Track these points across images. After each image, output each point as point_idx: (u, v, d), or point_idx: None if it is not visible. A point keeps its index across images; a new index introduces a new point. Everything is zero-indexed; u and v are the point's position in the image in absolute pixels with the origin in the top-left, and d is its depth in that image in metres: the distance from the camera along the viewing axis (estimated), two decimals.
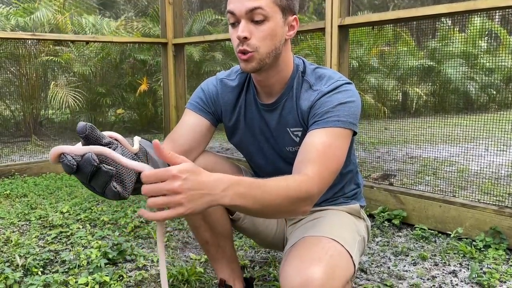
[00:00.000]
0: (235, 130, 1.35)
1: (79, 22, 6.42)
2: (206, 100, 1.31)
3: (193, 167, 0.78)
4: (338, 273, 1.01)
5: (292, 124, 1.24)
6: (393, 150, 3.96)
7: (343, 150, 1.10)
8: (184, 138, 1.23)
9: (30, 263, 1.84)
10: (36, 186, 3.17)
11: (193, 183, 0.77)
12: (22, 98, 5.34)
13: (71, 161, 0.74)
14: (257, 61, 1.13)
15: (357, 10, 9.35)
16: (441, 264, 1.87)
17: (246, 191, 0.85)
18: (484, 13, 2.28)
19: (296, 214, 1.00)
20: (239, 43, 1.12)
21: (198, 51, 6.13)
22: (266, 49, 1.12)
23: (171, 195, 0.76)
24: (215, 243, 1.42)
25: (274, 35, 1.12)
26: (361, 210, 1.42)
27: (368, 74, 6.32)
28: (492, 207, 2.06)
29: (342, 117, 1.11)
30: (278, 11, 1.12)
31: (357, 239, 1.25)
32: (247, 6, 1.08)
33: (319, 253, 1.02)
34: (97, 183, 0.76)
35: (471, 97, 6.73)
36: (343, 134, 1.11)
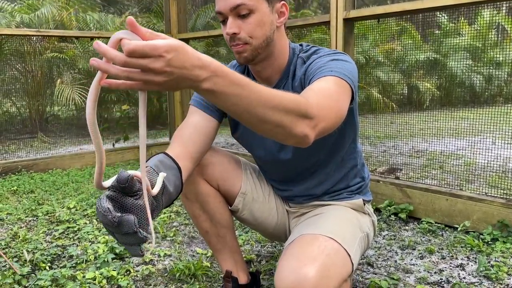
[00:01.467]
0: (237, 123, 1.36)
1: (83, 18, 6.43)
2: None
3: (180, 45, 0.67)
4: (333, 272, 1.01)
5: None
6: (399, 144, 3.94)
7: (341, 96, 0.99)
8: (193, 141, 1.21)
9: (38, 258, 1.85)
10: (43, 182, 3.19)
11: (177, 66, 0.66)
12: (28, 95, 5.36)
13: (114, 218, 0.77)
14: (250, 52, 1.16)
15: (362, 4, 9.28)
16: (448, 258, 1.86)
17: (230, 86, 0.72)
18: (491, 4, 2.25)
19: (292, 134, 0.83)
20: (230, 39, 1.15)
21: (202, 46, 6.12)
22: (257, 40, 1.15)
23: (149, 73, 0.65)
24: (215, 233, 1.43)
25: (262, 25, 1.14)
26: (366, 205, 1.41)
27: (374, 68, 6.29)
28: (499, 200, 2.04)
29: (336, 69, 1.04)
30: (263, 1, 1.14)
31: (358, 236, 1.24)
32: (231, 4, 1.12)
33: (314, 252, 1.02)
34: (125, 241, 0.80)
35: (478, 90, 6.68)
36: (340, 83, 1.01)
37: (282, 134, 0.83)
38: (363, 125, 3.20)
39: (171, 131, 4.29)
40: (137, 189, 0.82)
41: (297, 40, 4.11)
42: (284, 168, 1.37)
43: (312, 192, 1.38)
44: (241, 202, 1.40)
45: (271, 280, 1.67)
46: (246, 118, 0.78)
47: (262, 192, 1.45)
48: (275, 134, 0.83)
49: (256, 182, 1.45)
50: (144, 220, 0.82)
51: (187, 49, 0.67)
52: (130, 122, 5.43)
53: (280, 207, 1.47)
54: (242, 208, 1.41)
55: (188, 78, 0.68)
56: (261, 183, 1.47)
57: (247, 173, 1.43)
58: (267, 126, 0.80)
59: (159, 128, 6.37)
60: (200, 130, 1.24)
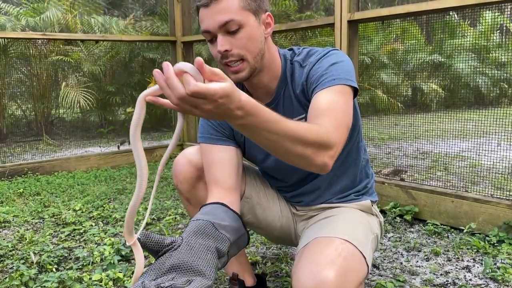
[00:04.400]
0: (242, 140, 1.32)
1: (88, 21, 6.47)
2: (217, 127, 1.28)
3: (232, 90, 0.75)
4: (351, 276, 1.01)
5: (295, 112, 1.23)
6: (404, 145, 3.94)
7: (348, 105, 1.07)
8: (226, 177, 1.21)
9: (45, 260, 1.86)
10: (49, 185, 3.20)
11: (223, 108, 0.75)
12: (33, 98, 5.40)
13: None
14: (248, 69, 1.13)
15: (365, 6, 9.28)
16: (454, 260, 1.86)
17: (262, 123, 0.82)
18: (495, 6, 2.25)
19: (313, 164, 0.93)
20: (222, 57, 1.11)
21: (206, 48, 6.14)
22: (252, 54, 1.12)
23: (198, 109, 0.75)
24: None
25: (253, 39, 1.12)
26: (373, 206, 1.41)
27: (378, 69, 6.28)
28: (505, 202, 2.04)
29: (337, 75, 1.09)
30: (250, 15, 1.11)
31: (370, 237, 1.24)
32: (219, 21, 1.08)
33: (332, 255, 1.02)
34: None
35: (483, 92, 6.65)
36: (343, 90, 1.07)
37: (305, 164, 0.93)
38: (367, 127, 3.20)
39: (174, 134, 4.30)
40: (170, 242, 0.86)
41: (302, 42, 4.11)
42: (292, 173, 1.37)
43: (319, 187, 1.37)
44: (245, 206, 1.39)
45: (277, 282, 1.67)
46: (273, 149, 0.88)
47: (266, 196, 1.44)
48: (298, 164, 0.94)
49: (260, 186, 1.44)
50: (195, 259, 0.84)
51: (236, 92, 0.76)
52: None
53: (285, 211, 1.47)
54: (246, 212, 1.41)
55: (227, 116, 0.78)
56: (265, 187, 1.46)
57: (251, 177, 1.43)
58: (292, 158, 0.91)
59: (164, 130, 6.39)
60: (225, 163, 1.24)
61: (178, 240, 0.87)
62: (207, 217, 0.99)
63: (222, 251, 0.93)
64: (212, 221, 0.97)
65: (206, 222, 0.96)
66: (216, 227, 0.96)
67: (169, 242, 0.85)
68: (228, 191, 1.18)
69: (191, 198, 1.34)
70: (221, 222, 0.99)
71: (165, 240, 0.84)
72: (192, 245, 0.87)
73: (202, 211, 1.05)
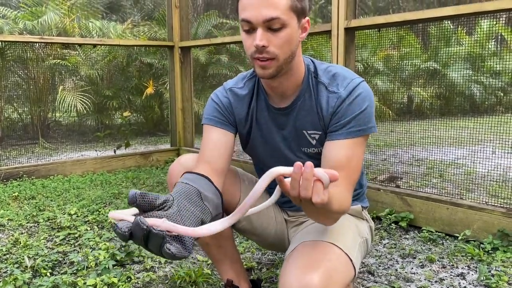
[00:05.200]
0: (248, 137, 1.35)
1: (86, 25, 6.48)
2: (223, 112, 1.29)
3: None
4: (336, 278, 1.02)
5: (309, 127, 1.24)
6: (399, 152, 3.95)
7: (362, 157, 1.17)
8: (216, 158, 1.21)
9: (39, 264, 1.85)
10: (44, 188, 3.19)
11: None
12: (30, 101, 5.39)
13: (122, 229, 0.76)
14: (275, 68, 1.12)
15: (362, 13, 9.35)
16: (449, 267, 1.87)
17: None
18: (491, 15, 2.28)
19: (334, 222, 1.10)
20: (256, 51, 1.10)
21: (204, 54, 6.16)
22: (284, 55, 1.12)
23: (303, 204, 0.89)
24: (216, 244, 1.42)
25: (291, 40, 1.11)
26: (364, 211, 1.42)
27: (373, 76, 6.31)
28: (500, 209, 2.05)
29: (363, 124, 1.15)
30: (294, 16, 1.11)
31: (358, 241, 1.25)
32: (265, 16, 1.06)
33: (317, 258, 1.03)
34: (153, 246, 0.77)
35: (478, 100, 6.70)
36: (363, 141, 1.16)
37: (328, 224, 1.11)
38: None
39: (172, 138, 4.30)
40: (162, 202, 0.83)
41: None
42: None
43: None
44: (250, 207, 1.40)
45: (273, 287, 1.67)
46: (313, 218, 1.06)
47: (260, 202, 1.45)
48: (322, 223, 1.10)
49: None
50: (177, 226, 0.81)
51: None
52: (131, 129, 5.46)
53: (278, 217, 1.48)
54: (241, 219, 1.41)
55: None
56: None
57: (245, 184, 1.43)
58: (321, 221, 1.08)
59: (160, 135, 6.38)
60: (219, 145, 1.24)
61: (169, 201, 0.84)
62: (194, 184, 0.97)
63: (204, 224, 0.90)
64: (199, 190, 0.95)
65: (194, 189, 0.95)
66: (202, 197, 0.94)
67: (161, 203, 0.83)
68: (215, 171, 1.16)
69: None
70: (206, 193, 0.97)
71: (157, 201, 0.82)
72: (181, 211, 0.85)
73: (186, 176, 1.01)
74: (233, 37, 3.84)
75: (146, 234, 0.75)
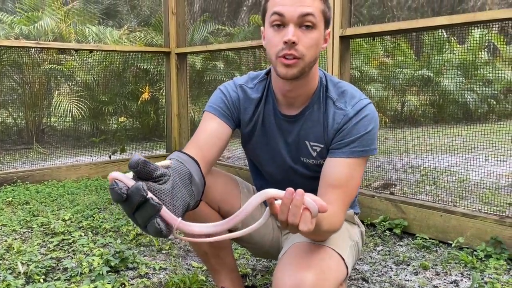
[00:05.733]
0: (251, 137, 1.35)
1: (82, 31, 6.48)
2: (229, 105, 1.29)
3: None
4: (329, 275, 1.04)
5: (313, 138, 1.25)
6: (393, 159, 3.97)
7: (361, 175, 1.20)
8: (211, 148, 1.20)
9: (32, 270, 1.84)
10: (38, 194, 3.18)
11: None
12: (25, 106, 5.37)
13: (121, 189, 0.72)
14: (300, 69, 1.11)
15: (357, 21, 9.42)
16: (443, 274, 1.88)
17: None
18: (483, 25, 2.31)
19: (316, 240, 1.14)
20: (284, 47, 1.09)
21: (200, 60, 6.17)
22: (310, 58, 1.12)
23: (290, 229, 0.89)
24: (214, 254, 1.42)
25: (318, 44, 1.13)
26: (355, 217, 1.44)
27: (368, 84, 6.35)
28: (492, 217, 2.07)
29: (367, 146, 1.18)
30: (323, 22, 1.13)
31: (349, 243, 1.26)
32: (301, 11, 1.07)
33: (310, 257, 1.05)
34: (141, 216, 0.75)
35: (471, 108, 6.76)
36: (364, 162, 1.20)
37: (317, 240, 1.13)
38: None
39: (167, 144, 4.30)
40: (160, 174, 0.80)
41: None
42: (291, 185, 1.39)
43: None
44: (240, 222, 1.40)
45: None
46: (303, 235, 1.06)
47: (259, 211, 1.46)
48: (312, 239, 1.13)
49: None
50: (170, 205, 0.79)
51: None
52: (127, 134, 5.45)
53: (274, 223, 1.48)
54: (241, 227, 1.41)
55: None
56: None
57: (244, 192, 1.44)
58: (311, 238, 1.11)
59: (156, 140, 6.38)
60: (215, 135, 1.23)
61: (166, 175, 0.82)
62: (187, 165, 0.94)
63: (188, 210, 0.90)
64: (191, 173, 0.93)
65: (187, 170, 0.92)
66: (191, 181, 0.92)
67: (158, 175, 0.80)
68: (204, 159, 1.13)
69: (187, 217, 1.31)
70: (195, 177, 0.94)
71: (156, 172, 0.79)
72: (175, 190, 0.83)
73: (179, 156, 0.98)
74: (229, 44, 3.86)
75: (142, 201, 0.73)
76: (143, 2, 9.32)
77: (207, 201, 1.33)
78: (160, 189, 0.79)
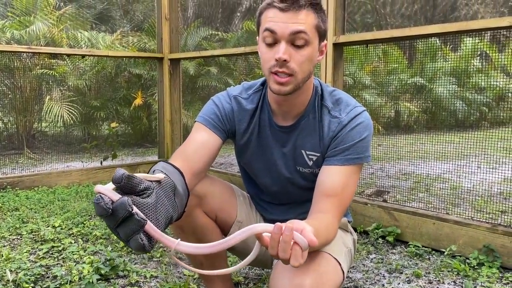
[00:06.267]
0: (246, 149, 1.34)
1: (74, 35, 6.45)
2: (221, 117, 1.28)
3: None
4: (327, 280, 1.04)
5: (309, 147, 1.25)
6: (386, 166, 3.98)
7: (356, 183, 1.20)
8: (198, 159, 1.18)
9: (21, 278, 1.81)
10: (28, 200, 3.14)
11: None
12: (16, 111, 5.31)
13: (107, 204, 0.72)
14: (293, 86, 1.12)
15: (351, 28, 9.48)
16: (435, 282, 1.87)
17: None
18: (475, 33, 2.33)
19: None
20: (276, 64, 1.09)
21: (193, 65, 6.16)
22: (303, 74, 1.12)
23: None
24: (209, 264, 1.41)
25: (311, 60, 1.12)
26: (348, 224, 1.45)
27: (361, 90, 6.38)
28: (485, 224, 2.07)
29: (361, 153, 1.18)
30: (317, 37, 1.12)
31: (344, 250, 1.26)
32: (292, 29, 1.06)
33: (307, 262, 1.04)
34: (124, 230, 0.74)
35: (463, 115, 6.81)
36: (358, 169, 1.20)
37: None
38: None
39: (160, 150, 4.27)
40: (143, 188, 0.79)
41: None
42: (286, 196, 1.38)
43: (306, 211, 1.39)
44: (236, 230, 1.39)
45: None
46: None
47: (254, 219, 1.45)
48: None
49: (249, 209, 1.45)
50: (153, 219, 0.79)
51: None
52: (118, 140, 5.41)
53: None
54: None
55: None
56: (252, 209, 1.47)
57: (240, 200, 1.43)
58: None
59: (148, 146, 6.34)
60: (204, 146, 1.21)
61: (150, 189, 0.81)
62: (172, 177, 0.93)
63: (171, 222, 0.89)
64: (175, 185, 0.91)
65: (171, 182, 0.91)
66: (175, 193, 0.91)
67: (142, 189, 0.79)
68: (191, 170, 1.12)
69: (184, 226, 1.29)
70: (179, 188, 0.93)
71: (139, 186, 0.79)
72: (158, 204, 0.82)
73: (164, 167, 0.97)
74: (222, 49, 3.86)
75: (126, 216, 0.73)
76: (136, 7, 9.30)
77: (204, 210, 1.31)
78: (143, 203, 0.78)
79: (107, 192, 0.75)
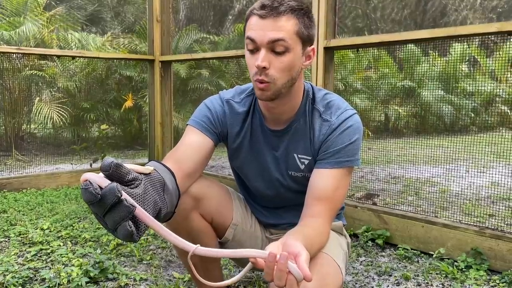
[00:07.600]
0: (238, 153, 1.34)
1: (65, 37, 6.40)
2: (214, 120, 1.27)
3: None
4: (329, 281, 1.05)
5: (300, 151, 1.26)
6: (376, 170, 4.01)
7: (347, 186, 1.22)
8: (190, 160, 1.18)
9: (9, 281, 1.79)
10: (16, 202, 3.10)
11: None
12: (4, 112, 5.26)
13: (96, 190, 0.71)
14: (273, 92, 1.13)
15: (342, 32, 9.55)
16: (424, 285, 1.89)
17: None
18: (464, 39, 2.36)
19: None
20: (257, 72, 1.10)
21: (184, 68, 6.15)
22: (283, 80, 1.12)
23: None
24: (203, 267, 1.41)
25: (292, 66, 1.12)
26: (343, 228, 1.46)
27: (352, 95, 6.42)
28: (473, 228, 2.10)
29: (351, 156, 1.19)
30: (299, 43, 1.11)
31: (341, 252, 1.28)
32: (270, 37, 1.07)
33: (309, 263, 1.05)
34: (112, 218, 0.73)
35: (452, 120, 6.89)
36: (349, 172, 1.21)
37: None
38: None
39: (150, 152, 4.26)
40: (131, 179, 0.79)
41: None
42: (279, 199, 1.39)
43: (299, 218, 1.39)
44: (231, 233, 1.38)
45: None
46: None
47: (249, 222, 1.45)
48: None
49: (244, 212, 1.44)
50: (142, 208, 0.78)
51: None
52: (108, 142, 5.38)
53: (263, 235, 1.48)
54: (232, 239, 1.40)
55: None
56: (247, 212, 1.47)
57: (236, 202, 1.43)
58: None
59: (138, 148, 6.31)
60: (196, 148, 1.21)
61: (138, 180, 0.80)
62: (161, 174, 0.92)
63: (159, 217, 0.88)
64: (165, 181, 0.91)
65: (160, 177, 0.90)
66: (165, 189, 0.90)
67: (130, 179, 0.78)
68: (182, 172, 1.11)
69: (180, 228, 1.27)
70: (169, 186, 0.92)
71: (128, 176, 0.78)
72: (146, 195, 0.81)
73: (154, 165, 0.96)
74: (214, 52, 3.86)
75: (115, 203, 0.71)
76: (127, 9, 9.27)
77: (201, 212, 1.30)
78: (131, 193, 0.77)
79: (95, 178, 0.73)
